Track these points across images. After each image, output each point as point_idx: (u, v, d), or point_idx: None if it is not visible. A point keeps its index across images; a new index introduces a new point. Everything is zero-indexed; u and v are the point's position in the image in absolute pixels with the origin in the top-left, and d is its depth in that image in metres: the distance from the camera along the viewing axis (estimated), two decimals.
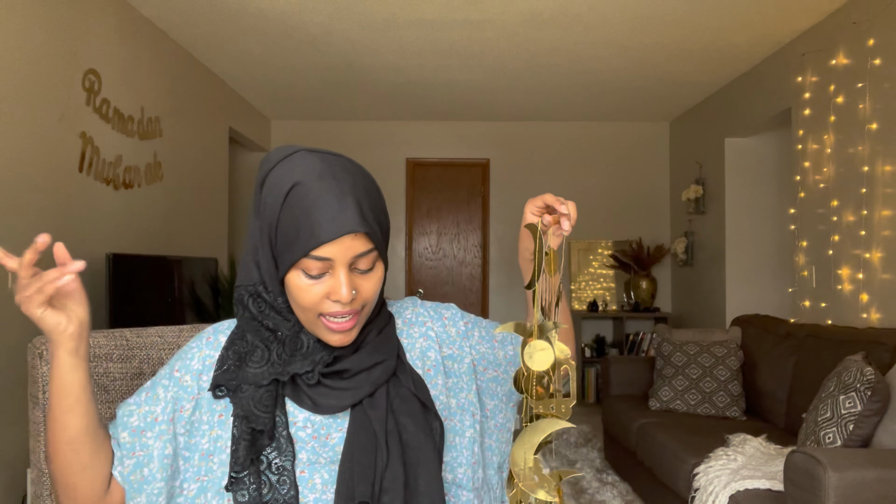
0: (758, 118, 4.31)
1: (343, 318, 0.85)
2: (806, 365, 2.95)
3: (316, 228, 0.81)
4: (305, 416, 0.90)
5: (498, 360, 1.04)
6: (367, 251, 0.84)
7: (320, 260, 0.82)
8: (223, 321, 0.99)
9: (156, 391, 0.92)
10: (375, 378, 0.90)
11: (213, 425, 0.89)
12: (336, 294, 0.83)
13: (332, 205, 0.82)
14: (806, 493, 1.85)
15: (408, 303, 1.05)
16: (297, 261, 0.83)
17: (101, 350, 1.10)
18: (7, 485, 2.54)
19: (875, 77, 3.09)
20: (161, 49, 3.78)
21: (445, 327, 1.03)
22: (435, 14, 3.55)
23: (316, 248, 0.81)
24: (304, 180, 0.83)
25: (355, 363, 0.89)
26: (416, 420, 0.90)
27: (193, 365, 0.92)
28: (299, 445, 0.88)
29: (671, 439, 2.85)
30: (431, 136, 6.00)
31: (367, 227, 0.83)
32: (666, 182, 5.98)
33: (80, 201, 2.98)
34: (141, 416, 0.91)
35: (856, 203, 3.22)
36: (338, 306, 0.84)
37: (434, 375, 0.97)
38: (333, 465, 0.87)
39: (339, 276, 0.83)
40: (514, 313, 5.96)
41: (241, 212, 5.91)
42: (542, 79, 4.69)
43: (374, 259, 0.87)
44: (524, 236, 0.96)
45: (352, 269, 0.85)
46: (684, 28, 3.72)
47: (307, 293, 0.84)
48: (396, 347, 0.95)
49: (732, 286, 4.75)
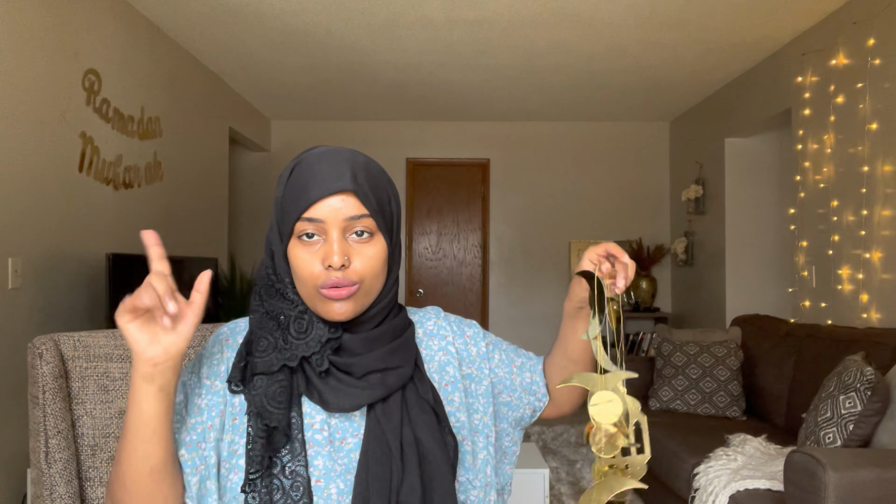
0: (758, 118, 4.31)
1: (338, 289, 0.84)
2: (806, 365, 2.95)
3: (308, 191, 0.84)
4: (322, 417, 0.88)
5: (514, 386, 1.04)
6: (359, 215, 0.85)
7: (312, 222, 0.84)
8: (237, 320, 0.97)
9: (194, 402, 0.89)
10: (390, 383, 0.88)
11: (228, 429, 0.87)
12: (328, 258, 0.83)
13: (326, 171, 0.85)
14: (806, 493, 1.85)
15: (431, 313, 1.04)
16: (294, 225, 0.85)
17: (101, 350, 1.10)
18: (7, 485, 2.54)
19: (875, 77, 3.09)
20: (161, 49, 3.78)
21: (467, 345, 1.02)
22: (435, 14, 3.55)
23: (307, 208, 0.83)
24: (306, 157, 0.87)
25: (369, 361, 0.88)
26: (433, 433, 0.89)
27: (222, 370, 0.90)
28: (315, 450, 0.86)
29: (671, 439, 2.85)
30: (431, 136, 6.00)
31: (357, 189, 0.84)
32: (666, 182, 5.98)
33: (80, 201, 2.98)
34: (189, 430, 0.87)
35: (856, 203, 3.22)
36: (332, 274, 0.84)
37: (451, 392, 0.97)
38: (349, 475, 0.86)
39: (331, 239, 0.84)
40: (514, 313, 5.96)
41: (242, 212, 5.91)
42: (542, 79, 4.69)
43: (371, 229, 0.86)
44: (577, 284, 0.96)
45: (347, 237, 0.85)
46: (685, 28, 3.72)
47: (305, 263, 0.85)
48: (414, 355, 0.93)
49: (732, 286, 4.75)
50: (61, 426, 1.04)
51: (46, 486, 1.03)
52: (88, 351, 1.10)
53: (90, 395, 1.09)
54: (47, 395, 1.04)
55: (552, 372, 1.06)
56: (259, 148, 5.76)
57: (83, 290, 3.00)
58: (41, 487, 1.03)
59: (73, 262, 2.92)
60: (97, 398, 1.09)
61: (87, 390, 1.09)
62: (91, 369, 1.09)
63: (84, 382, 1.09)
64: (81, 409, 1.08)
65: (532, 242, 5.99)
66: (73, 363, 1.08)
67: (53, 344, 1.07)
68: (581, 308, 0.98)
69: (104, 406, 1.09)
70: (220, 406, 0.88)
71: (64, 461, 1.04)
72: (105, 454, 1.09)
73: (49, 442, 1.03)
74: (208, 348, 0.93)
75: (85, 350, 1.09)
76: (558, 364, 1.05)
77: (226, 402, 0.88)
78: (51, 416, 1.04)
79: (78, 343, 1.09)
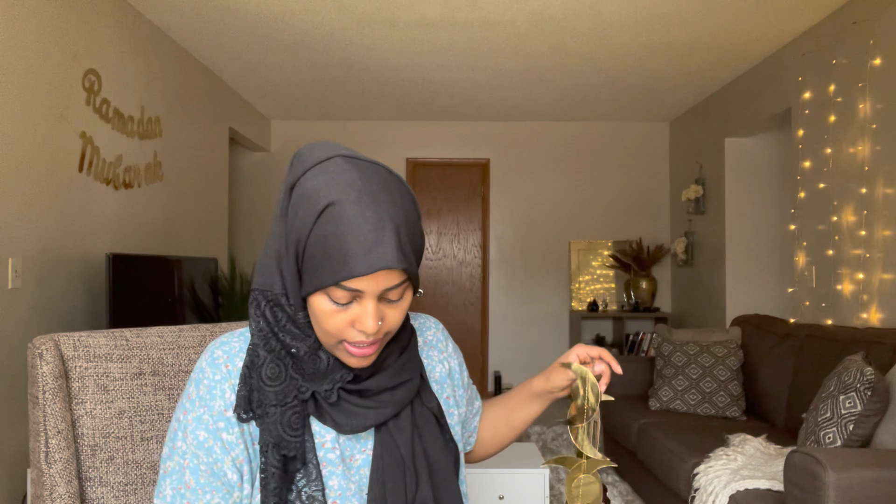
0: (758, 118, 4.31)
1: (365, 346, 0.82)
2: (806, 365, 2.95)
3: (349, 260, 0.75)
4: (333, 436, 0.86)
5: (464, 425, 1.07)
6: (399, 283, 0.80)
7: (350, 291, 0.77)
8: (226, 340, 0.89)
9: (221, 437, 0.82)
10: (399, 399, 0.87)
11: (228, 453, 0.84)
12: (361, 324, 0.79)
13: (368, 236, 0.75)
14: (806, 493, 1.85)
15: (430, 322, 1.04)
16: (325, 287, 0.78)
17: (101, 350, 1.10)
18: (7, 485, 2.54)
19: (875, 77, 3.09)
20: (161, 49, 3.78)
21: (461, 369, 1.05)
22: (435, 14, 3.55)
23: (347, 279, 0.76)
24: (340, 200, 0.76)
25: (377, 383, 0.86)
26: (437, 441, 0.90)
27: (231, 398, 0.84)
28: (329, 471, 0.85)
29: (671, 439, 2.85)
30: (431, 136, 6.00)
31: (405, 263, 0.78)
32: (666, 182, 5.98)
33: (80, 201, 2.98)
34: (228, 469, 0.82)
35: (856, 203, 3.22)
36: (362, 336, 0.80)
37: (452, 405, 0.99)
38: (362, 493, 0.85)
39: (366, 307, 0.79)
40: (514, 313, 5.96)
41: (241, 212, 5.91)
42: (542, 79, 4.69)
43: (405, 289, 0.82)
44: (560, 372, 0.98)
45: (381, 300, 0.80)
46: (684, 28, 3.72)
47: (331, 319, 0.79)
48: (420, 366, 0.93)
49: (732, 286, 4.75)
50: (61, 426, 1.04)
51: (46, 486, 1.03)
52: (88, 351, 1.10)
53: (90, 395, 1.09)
54: (47, 395, 1.04)
55: (485, 425, 1.10)
56: (259, 148, 5.76)
57: (83, 290, 3.00)
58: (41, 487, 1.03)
59: (73, 262, 2.92)
60: (97, 398, 1.09)
61: (87, 390, 1.09)
62: (91, 369, 1.09)
63: (84, 382, 1.09)
64: (81, 409, 1.08)
65: (532, 242, 5.99)
66: (73, 363, 1.08)
67: (53, 344, 1.07)
68: (550, 394, 1.02)
69: (104, 406, 1.09)
70: (240, 434, 0.83)
71: (64, 461, 1.04)
72: (105, 454, 1.09)
73: (49, 442, 1.03)
74: (209, 376, 0.85)
75: (85, 350, 1.09)
76: (495, 424, 1.09)
77: (242, 430, 0.84)
78: (51, 416, 1.03)
79: (78, 343, 1.09)
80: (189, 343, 1.19)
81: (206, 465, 0.81)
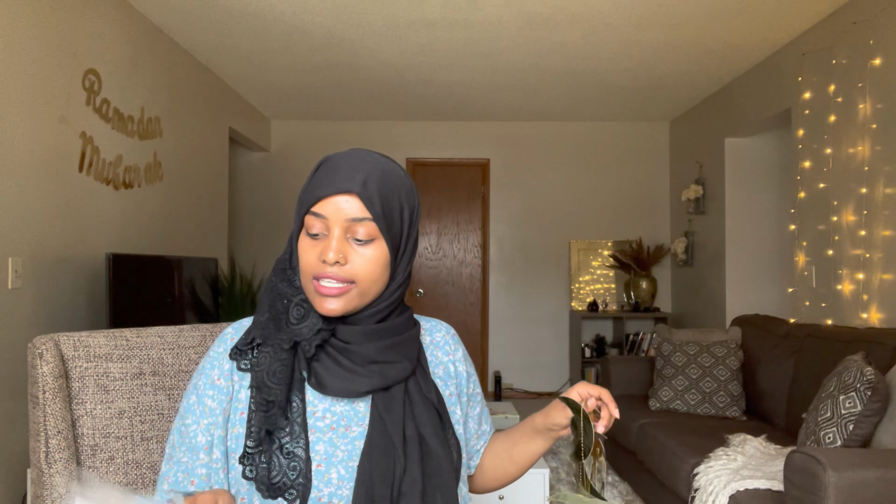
0: (758, 118, 4.31)
1: (330, 283, 0.88)
2: (806, 365, 2.95)
3: (319, 188, 0.88)
4: (325, 406, 0.91)
5: (467, 445, 1.08)
6: (361, 218, 0.87)
7: (317, 217, 0.88)
8: (241, 321, 1.00)
9: (205, 403, 0.92)
10: (390, 375, 0.91)
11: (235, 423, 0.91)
12: (324, 253, 0.87)
13: (341, 172, 0.88)
14: (806, 493, 1.85)
15: (442, 327, 1.07)
16: (303, 217, 0.89)
17: (101, 350, 1.10)
18: (7, 485, 2.54)
19: (875, 77, 3.09)
20: (161, 49, 3.78)
21: (468, 379, 1.06)
22: (435, 14, 3.55)
23: (316, 202, 0.88)
24: (334, 156, 0.92)
25: (365, 350, 0.90)
26: (436, 431, 0.92)
27: (227, 368, 0.93)
28: (316, 436, 0.89)
29: (671, 439, 2.85)
30: (431, 136, 6.00)
31: (362, 192, 0.87)
32: (666, 182, 5.98)
33: (80, 201, 2.98)
34: (203, 431, 0.91)
35: (856, 203, 3.22)
36: (327, 268, 0.87)
37: (454, 404, 1.01)
38: (351, 462, 0.88)
39: (332, 235, 0.88)
40: (514, 313, 5.96)
41: (242, 212, 5.91)
42: (542, 79, 4.69)
43: (372, 234, 0.88)
44: (559, 409, 0.99)
45: (348, 237, 0.88)
46: (684, 28, 3.72)
47: (306, 254, 0.89)
48: (416, 354, 0.96)
49: (732, 286, 4.75)
50: (61, 426, 1.04)
51: (46, 486, 1.03)
52: (88, 351, 1.10)
53: (90, 395, 1.09)
54: (47, 395, 1.04)
55: (488, 453, 1.11)
56: (259, 148, 5.76)
57: (83, 290, 3.00)
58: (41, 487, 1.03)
59: (73, 262, 2.92)
60: (97, 398, 1.09)
61: (87, 390, 1.09)
62: (91, 369, 1.09)
63: (84, 382, 1.09)
64: (81, 409, 1.08)
65: (532, 242, 5.99)
66: (73, 363, 1.08)
67: (53, 344, 1.07)
68: (551, 431, 1.02)
69: (104, 406, 1.09)
70: (225, 403, 0.91)
71: (64, 461, 1.04)
72: (105, 454, 1.09)
73: (49, 442, 1.03)
74: (214, 348, 0.95)
75: (85, 350, 1.09)
76: (498, 454, 1.10)
77: (231, 398, 0.91)
78: (51, 416, 1.03)
79: (78, 343, 1.09)
80: (189, 343, 1.19)
81: (184, 426, 0.92)
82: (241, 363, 0.91)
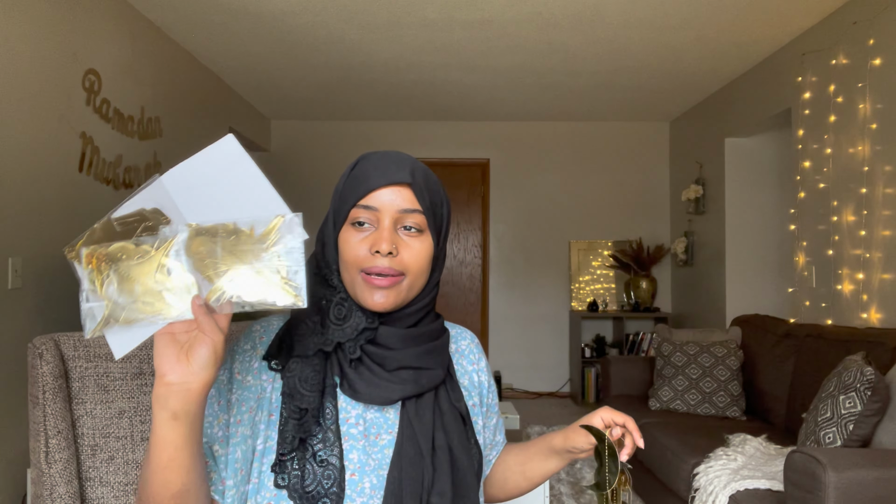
0: (758, 118, 4.31)
1: (382, 277, 0.86)
2: (806, 365, 2.95)
3: (369, 179, 0.87)
4: (358, 412, 0.89)
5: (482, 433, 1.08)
6: (412, 209, 0.87)
7: (367, 209, 0.87)
8: (269, 318, 0.97)
9: (225, 397, 0.88)
10: (423, 382, 0.89)
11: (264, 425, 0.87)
12: (377, 244, 0.85)
13: (387, 165, 0.88)
14: (806, 493, 1.85)
15: (466, 335, 1.07)
16: (350, 211, 0.87)
17: (101, 350, 1.10)
18: (7, 485, 2.54)
19: (875, 77, 3.09)
20: (161, 49, 3.78)
21: (489, 388, 1.07)
22: (435, 14, 3.55)
23: (365, 195, 0.87)
24: (372, 154, 0.91)
25: (403, 357, 0.88)
26: (461, 440, 0.91)
27: (254, 366, 0.90)
28: (350, 444, 0.86)
29: (671, 439, 2.85)
30: (431, 136, 6.00)
31: (414, 184, 0.87)
32: (666, 182, 5.98)
33: (80, 201, 2.98)
34: (221, 425, 0.87)
35: (856, 203, 3.22)
36: (378, 260, 0.85)
37: (476, 414, 1.00)
38: (382, 471, 0.86)
39: (383, 226, 0.86)
40: (514, 313, 5.96)
41: None
42: (542, 79, 4.69)
43: (421, 225, 0.89)
44: (580, 434, 0.97)
45: (398, 229, 0.88)
46: (684, 28, 3.72)
47: (353, 247, 0.87)
48: (448, 362, 0.95)
49: (732, 286, 4.75)
50: (61, 426, 1.04)
51: (46, 486, 1.03)
52: (88, 351, 1.10)
53: (90, 395, 1.09)
54: (47, 395, 1.04)
55: (499, 466, 1.10)
56: (259, 148, 5.76)
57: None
58: (41, 487, 1.03)
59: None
60: (97, 398, 1.09)
61: (87, 390, 1.09)
62: (91, 369, 1.09)
63: (84, 382, 1.09)
64: (81, 409, 1.08)
65: (532, 242, 5.99)
66: (73, 363, 1.08)
67: (53, 344, 1.07)
68: (570, 453, 1.00)
69: (104, 406, 1.09)
70: (252, 402, 0.88)
71: (64, 461, 1.04)
72: (105, 454, 1.09)
73: (49, 442, 1.03)
74: (240, 345, 0.92)
75: (85, 350, 1.09)
76: (509, 466, 1.09)
77: (260, 399, 0.88)
78: (51, 416, 1.04)
79: (78, 343, 1.09)
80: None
81: None
82: (272, 363, 0.89)
